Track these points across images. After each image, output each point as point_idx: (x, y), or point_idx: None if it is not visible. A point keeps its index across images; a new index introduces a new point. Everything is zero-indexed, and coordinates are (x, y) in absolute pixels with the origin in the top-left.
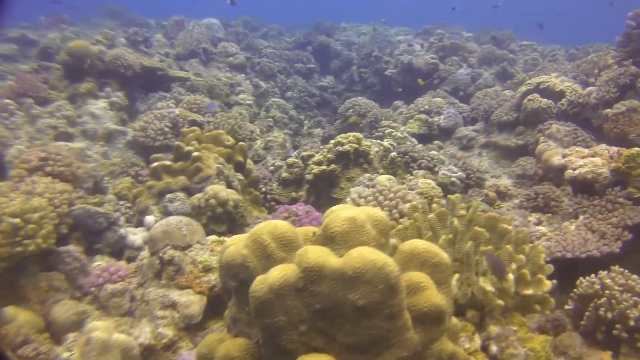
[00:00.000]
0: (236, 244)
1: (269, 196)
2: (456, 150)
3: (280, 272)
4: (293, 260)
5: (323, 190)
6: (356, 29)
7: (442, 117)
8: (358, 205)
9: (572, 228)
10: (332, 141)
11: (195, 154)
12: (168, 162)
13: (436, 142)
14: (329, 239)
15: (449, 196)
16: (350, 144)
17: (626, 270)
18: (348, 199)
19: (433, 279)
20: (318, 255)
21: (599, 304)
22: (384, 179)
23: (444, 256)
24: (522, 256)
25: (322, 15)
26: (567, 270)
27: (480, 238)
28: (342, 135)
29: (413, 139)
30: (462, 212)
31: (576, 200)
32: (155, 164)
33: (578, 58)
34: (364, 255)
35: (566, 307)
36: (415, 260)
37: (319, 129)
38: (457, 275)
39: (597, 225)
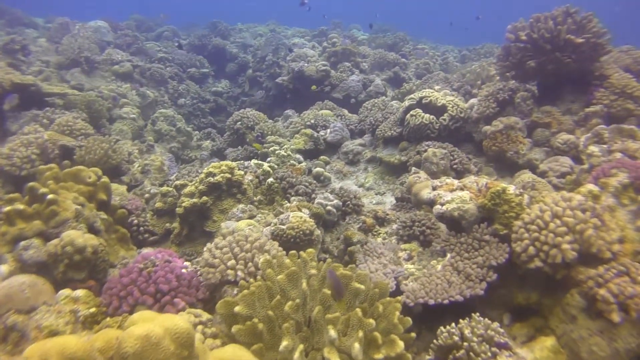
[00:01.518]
0: None
1: (142, 228)
2: (342, 165)
3: None
4: None
5: (196, 223)
6: (253, 29)
7: (328, 131)
8: (214, 257)
9: (438, 268)
10: (204, 170)
11: (50, 196)
12: (21, 206)
13: (322, 157)
14: None
15: (301, 253)
16: (223, 175)
17: (486, 319)
18: (219, 233)
19: None
20: None
21: (457, 356)
22: (243, 224)
23: None
24: (371, 321)
25: (221, 14)
26: (435, 313)
27: (329, 301)
28: (215, 164)
29: (298, 156)
30: (313, 271)
31: (443, 238)
32: (7, 208)
33: (470, 59)
34: None
35: (427, 357)
36: None
37: (209, 141)
38: (301, 347)
39: (462, 265)
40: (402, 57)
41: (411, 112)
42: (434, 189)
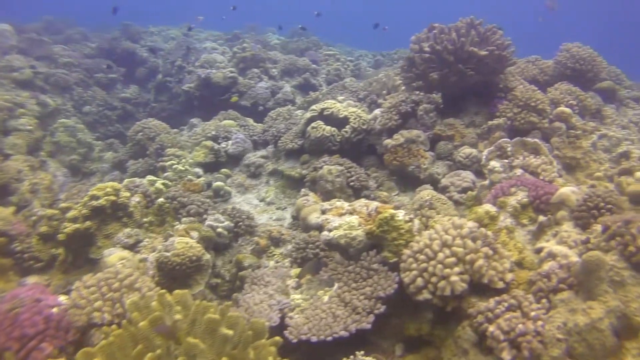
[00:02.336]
0: None
1: (26, 255)
2: (244, 178)
3: None
4: None
5: (81, 249)
6: (165, 33)
7: (230, 142)
8: (81, 297)
9: (325, 299)
10: (88, 193)
11: None
12: None
13: (223, 170)
14: None
15: (166, 295)
16: (107, 197)
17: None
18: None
19: None
20: None
21: None
22: (115, 259)
23: None
24: None
25: (132, 16)
26: (325, 346)
27: (194, 350)
28: (100, 186)
29: (197, 170)
30: (178, 316)
31: (331, 266)
32: None
33: (384, 64)
34: None
35: None
36: None
37: (111, 152)
38: None
39: (349, 296)
40: (313, 63)
41: (312, 125)
42: (323, 212)
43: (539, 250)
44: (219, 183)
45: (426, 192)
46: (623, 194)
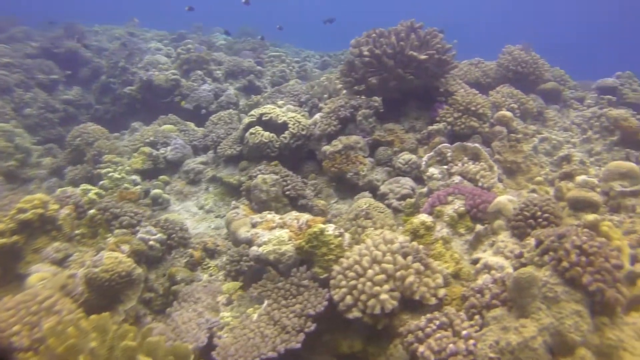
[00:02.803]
0: None
1: None
2: (184, 185)
3: None
4: None
5: (10, 264)
6: (109, 32)
7: (169, 148)
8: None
9: (254, 317)
10: (17, 206)
11: None
12: None
13: (162, 177)
14: None
15: (83, 321)
16: (35, 210)
17: None
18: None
19: None
20: None
21: None
22: (35, 279)
23: None
24: None
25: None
26: None
27: None
28: (27, 198)
29: (135, 178)
30: (93, 344)
31: (260, 283)
32: None
33: (330, 65)
34: None
35: None
36: None
37: (50, 157)
38: None
39: (279, 314)
40: (257, 65)
41: (250, 130)
42: (254, 225)
43: (475, 261)
44: (157, 191)
45: (363, 201)
46: (563, 199)
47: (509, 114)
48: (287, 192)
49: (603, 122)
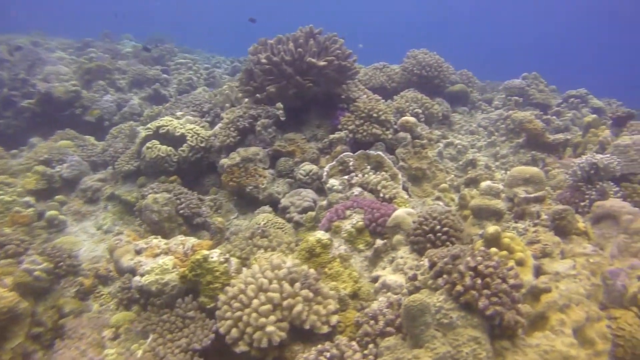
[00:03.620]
0: None
1: None
2: (81, 204)
3: None
4: None
5: None
6: (13, 41)
7: (65, 165)
8: None
9: (139, 354)
10: None
11: None
12: None
13: (58, 197)
14: None
15: None
16: None
17: None
18: None
19: None
20: None
21: None
22: None
23: None
24: None
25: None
26: None
27: None
28: None
29: (28, 199)
30: None
31: (144, 315)
32: None
33: (240, 71)
34: None
35: None
36: None
37: None
38: None
39: (164, 350)
40: (163, 73)
41: (147, 145)
42: (138, 252)
43: (375, 279)
44: (52, 212)
45: (262, 217)
46: (467, 207)
47: (412, 119)
48: (181, 211)
49: (509, 125)
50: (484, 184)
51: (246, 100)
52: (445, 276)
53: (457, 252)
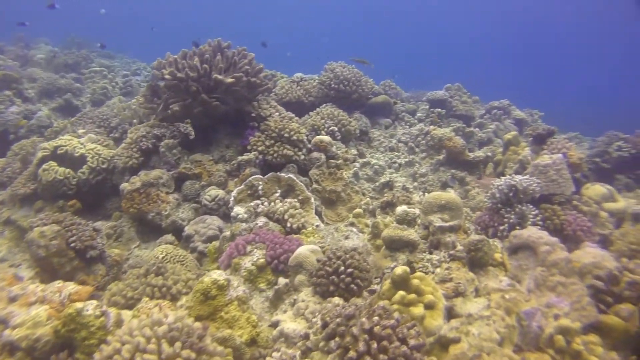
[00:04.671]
0: None
1: None
2: None
3: None
4: None
5: None
6: None
7: None
8: None
9: None
10: None
11: None
12: None
13: None
14: None
15: None
16: None
17: None
18: None
19: None
20: None
21: None
22: None
23: None
24: None
25: None
26: None
27: None
28: None
29: None
30: None
31: None
32: None
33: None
34: None
35: None
36: None
37: None
38: None
39: None
40: (75, 82)
41: (43, 167)
42: (13, 300)
43: (275, 324)
44: None
45: (161, 249)
46: (379, 236)
47: (327, 138)
48: (73, 244)
49: (429, 141)
50: (400, 209)
51: (153, 116)
52: (337, 339)
53: (351, 311)
